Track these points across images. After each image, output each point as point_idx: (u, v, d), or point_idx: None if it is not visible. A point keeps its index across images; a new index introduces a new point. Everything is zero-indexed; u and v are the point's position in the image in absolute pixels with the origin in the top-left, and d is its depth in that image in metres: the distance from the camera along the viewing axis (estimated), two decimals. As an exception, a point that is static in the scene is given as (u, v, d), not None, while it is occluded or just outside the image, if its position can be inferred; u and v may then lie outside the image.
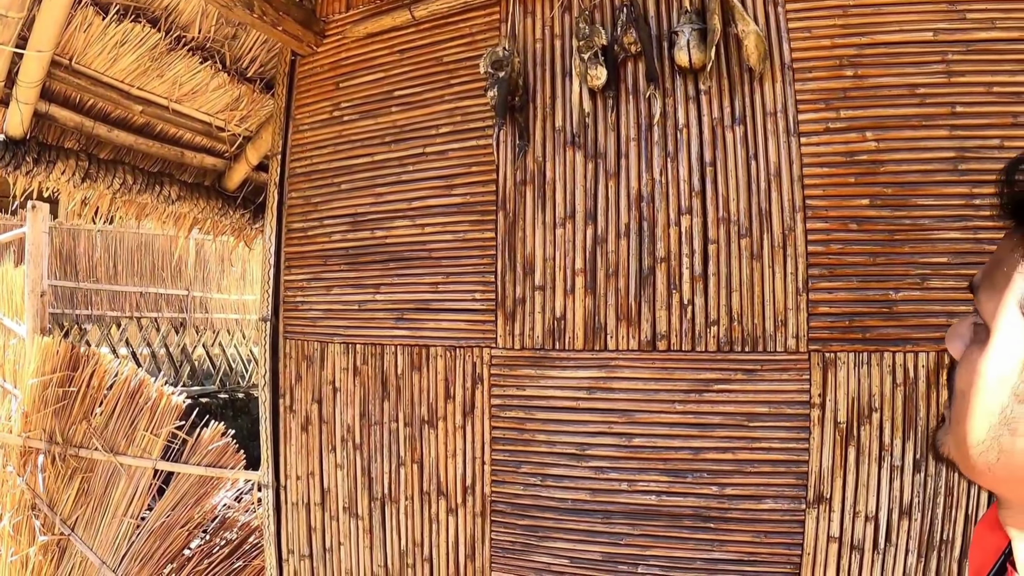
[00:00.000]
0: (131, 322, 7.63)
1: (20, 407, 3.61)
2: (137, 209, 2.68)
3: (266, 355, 1.98)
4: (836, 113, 1.23)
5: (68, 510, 3.36)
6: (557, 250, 1.51)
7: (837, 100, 1.24)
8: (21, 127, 1.93)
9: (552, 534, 1.46)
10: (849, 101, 1.22)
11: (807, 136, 1.26)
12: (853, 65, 1.21)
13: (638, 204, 1.41)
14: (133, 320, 7.64)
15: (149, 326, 7.82)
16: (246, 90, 2.34)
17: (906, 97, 1.17)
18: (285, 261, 1.98)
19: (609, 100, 1.42)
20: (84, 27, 1.90)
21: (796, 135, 1.25)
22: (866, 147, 1.20)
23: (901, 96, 1.18)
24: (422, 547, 1.65)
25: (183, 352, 7.89)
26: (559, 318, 1.50)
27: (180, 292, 8.15)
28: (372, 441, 1.75)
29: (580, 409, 1.45)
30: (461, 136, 1.67)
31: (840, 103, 1.23)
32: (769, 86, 1.29)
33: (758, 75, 1.29)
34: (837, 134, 1.23)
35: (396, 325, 1.74)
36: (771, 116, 1.29)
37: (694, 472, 1.32)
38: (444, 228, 1.68)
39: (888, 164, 1.16)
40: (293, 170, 1.99)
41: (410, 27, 1.77)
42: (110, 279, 7.36)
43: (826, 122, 1.24)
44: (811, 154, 1.25)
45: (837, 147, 1.22)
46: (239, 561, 3.21)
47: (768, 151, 1.28)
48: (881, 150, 1.18)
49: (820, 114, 1.25)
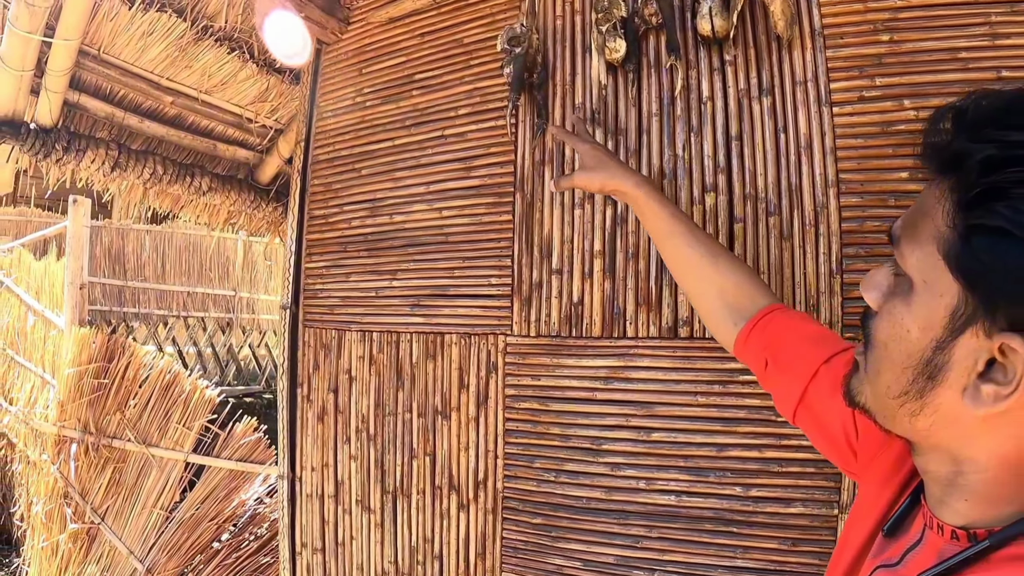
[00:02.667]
0: (178, 321, 7.86)
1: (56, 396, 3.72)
2: (171, 201, 2.72)
3: (285, 343, 1.97)
4: (871, 81, 1.13)
5: (99, 499, 3.44)
6: (575, 232, 1.44)
7: (872, 67, 1.13)
8: (50, 116, 1.98)
9: (566, 534, 1.39)
10: (885, 67, 1.12)
11: (840, 106, 1.16)
12: (888, 29, 1.11)
13: (660, 181, 1.33)
14: (180, 319, 7.87)
15: (196, 325, 8.04)
16: (275, 81, 2.35)
17: (947, 62, 1.07)
18: (306, 248, 1.97)
19: (630, 74, 1.35)
20: (111, 16, 1.93)
21: (828, 105, 1.16)
22: (904, 116, 1.09)
23: (941, 61, 1.07)
24: (432, 544, 1.60)
25: (229, 351, 8.08)
26: (576, 303, 1.43)
27: (227, 292, 8.36)
28: (386, 432, 1.71)
29: (596, 400, 1.38)
30: (480, 117, 1.62)
31: (875, 70, 1.13)
32: (798, 54, 1.20)
33: (786, 42, 1.19)
34: (872, 103, 1.13)
35: (412, 312, 1.70)
36: (800, 85, 1.19)
37: (717, 471, 1.23)
38: (461, 212, 1.64)
39: (929, 135, 1.06)
40: (316, 157, 1.98)
41: (431, 10, 1.74)
42: (158, 278, 7.61)
43: (860, 90, 1.14)
44: (844, 125, 1.14)
45: (872, 117, 1.12)
46: (267, 557, 3.22)
47: (798, 122, 1.19)
48: (921, 119, 1.08)
49: (853, 82, 1.15)
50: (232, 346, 8.13)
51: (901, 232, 0.60)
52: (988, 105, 0.55)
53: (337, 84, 1.95)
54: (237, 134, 2.66)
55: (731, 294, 0.99)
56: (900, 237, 0.60)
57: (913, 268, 0.57)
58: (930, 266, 0.56)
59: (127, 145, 2.26)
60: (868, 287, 0.63)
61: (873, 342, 0.62)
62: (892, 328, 0.59)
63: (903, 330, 0.58)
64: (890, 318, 0.59)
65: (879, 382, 0.61)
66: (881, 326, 0.60)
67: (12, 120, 2.01)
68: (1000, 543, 0.55)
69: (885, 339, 0.60)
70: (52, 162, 2.03)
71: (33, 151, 1.99)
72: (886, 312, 0.60)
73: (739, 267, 1.02)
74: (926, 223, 0.57)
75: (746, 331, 0.95)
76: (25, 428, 4.34)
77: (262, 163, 2.89)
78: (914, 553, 0.63)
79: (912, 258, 0.57)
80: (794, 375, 0.88)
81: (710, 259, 1.01)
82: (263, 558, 3.24)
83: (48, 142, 2.02)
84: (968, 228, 0.53)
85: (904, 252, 0.58)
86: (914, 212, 0.59)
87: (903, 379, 0.58)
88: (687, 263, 1.03)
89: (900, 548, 0.65)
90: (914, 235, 0.58)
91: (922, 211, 0.58)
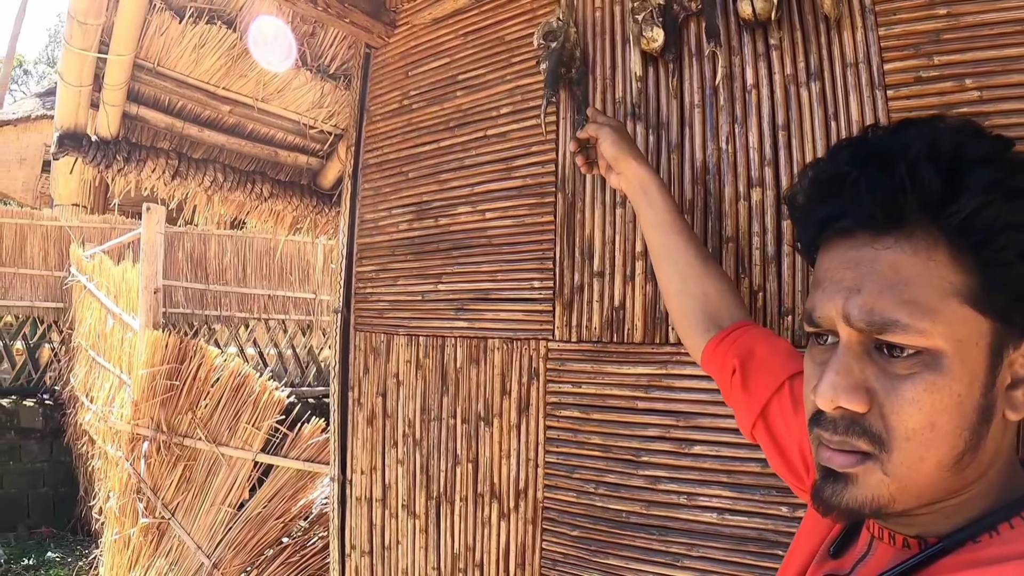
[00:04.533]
0: (259, 323, 8.28)
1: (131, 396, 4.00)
2: (236, 207, 2.88)
3: (337, 347, 2.05)
4: (928, 59, 1.04)
5: (170, 495, 3.67)
6: (617, 233, 1.42)
7: (928, 44, 1.05)
8: (110, 128, 2.15)
9: (604, 548, 1.37)
10: (943, 44, 1.03)
11: (895, 88, 1.07)
12: (946, 3, 1.02)
13: (703, 177, 1.29)
14: (261, 321, 8.29)
15: (276, 327, 8.44)
16: (330, 87, 2.44)
17: (1012, 35, 0.97)
18: (357, 252, 2.04)
19: (670, 64, 1.32)
20: (162, 31, 2.07)
21: (882, 87, 1.08)
22: (966, 97, 1.01)
23: (1006, 35, 0.98)
24: (474, 552, 1.61)
25: (309, 353, 8.43)
26: (618, 307, 1.41)
27: (307, 295, 8.73)
28: (431, 437, 1.74)
29: (637, 410, 1.35)
30: (521, 116, 1.63)
31: (932, 47, 1.04)
32: (848, 34, 1.12)
33: (834, 22, 1.12)
34: (930, 83, 1.04)
35: (456, 316, 1.72)
36: (851, 68, 1.12)
37: (762, 489, 1.17)
38: (504, 213, 1.64)
39: (994, 116, 0.97)
40: (366, 161, 2.04)
41: (473, 8, 1.76)
42: (239, 282, 8.05)
43: (916, 71, 1.06)
44: (900, 108, 1.06)
45: (931, 99, 1.04)
46: (330, 558, 3.33)
47: (850, 108, 1.11)
48: (984, 100, 0.99)
49: (909, 61, 1.06)
50: (312, 348, 8.51)
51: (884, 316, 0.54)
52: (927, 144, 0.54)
53: (385, 87, 2.00)
54: (298, 140, 2.79)
55: (713, 301, 1.02)
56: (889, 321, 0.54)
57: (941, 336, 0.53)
58: (959, 322, 0.54)
59: (187, 154, 2.41)
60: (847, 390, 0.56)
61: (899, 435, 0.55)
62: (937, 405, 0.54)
63: (951, 399, 0.54)
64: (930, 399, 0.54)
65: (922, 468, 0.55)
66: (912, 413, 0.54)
67: (74, 133, 2.18)
68: (950, 547, 0.55)
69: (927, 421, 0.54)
70: (114, 172, 2.19)
71: (95, 162, 2.16)
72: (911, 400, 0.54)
73: (725, 278, 1.07)
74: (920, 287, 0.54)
75: (717, 339, 0.97)
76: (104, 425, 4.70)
77: (324, 168, 3.02)
78: (864, 563, 0.63)
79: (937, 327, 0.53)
80: (760, 387, 0.88)
81: (701, 263, 1.05)
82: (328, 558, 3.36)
83: (109, 153, 2.18)
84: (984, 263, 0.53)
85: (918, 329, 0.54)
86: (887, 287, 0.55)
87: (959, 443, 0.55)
88: (678, 260, 1.06)
89: (850, 560, 0.65)
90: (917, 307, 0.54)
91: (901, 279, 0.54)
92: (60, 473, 6.76)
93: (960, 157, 0.53)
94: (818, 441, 0.60)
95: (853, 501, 0.57)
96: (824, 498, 0.59)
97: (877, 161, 0.56)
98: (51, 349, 7.41)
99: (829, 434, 0.58)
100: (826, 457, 0.59)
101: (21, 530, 6.48)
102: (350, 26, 1.92)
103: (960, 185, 0.53)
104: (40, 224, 7.67)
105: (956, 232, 0.53)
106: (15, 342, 7.43)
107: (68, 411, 6.65)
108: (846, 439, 0.57)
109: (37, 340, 7.50)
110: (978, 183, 0.52)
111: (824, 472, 0.60)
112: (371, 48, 2.07)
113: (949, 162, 0.53)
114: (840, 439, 0.57)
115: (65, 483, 6.75)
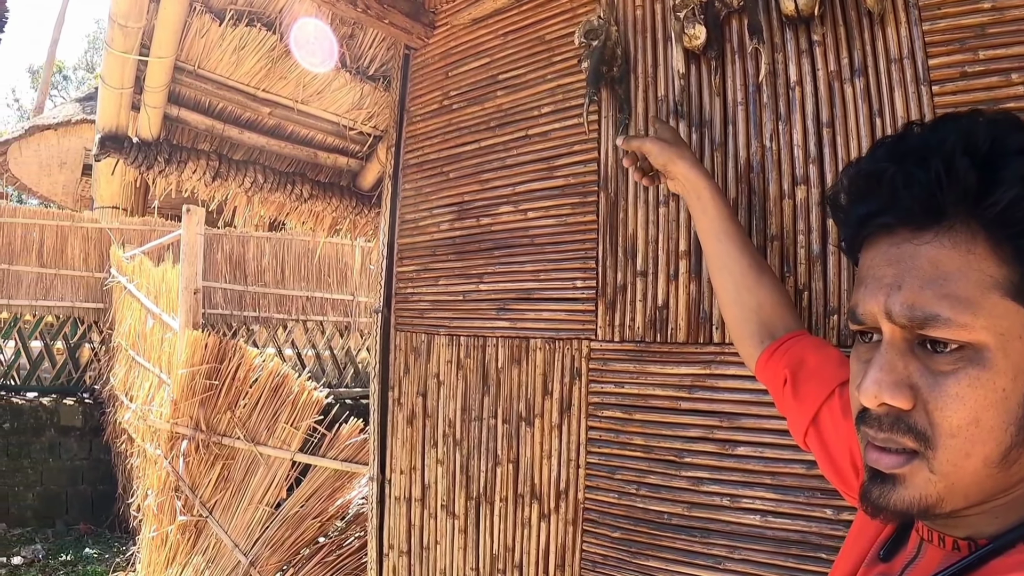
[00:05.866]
0: (297, 324, 8.48)
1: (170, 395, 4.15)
2: (276, 208, 2.99)
3: (377, 347, 2.12)
4: (973, 54, 1.06)
5: (208, 494, 3.80)
6: (660, 232, 1.46)
7: (974, 39, 1.06)
8: (151, 130, 2.25)
9: (645, 550, 1.40)
10: (988, 39, 1.04)
11: (940, 84, 1.09)
12: None
13: (747, 175, 1.31)
14: (299, 323, 8.49)
15: (315, 329, 8.64)
16: (369, 88, 2.52)
17: None
18: (398, 252, 2.10)
19: (712, 62, 1.35)
20: (203, 33, 2.17)
21: (927, 83, 1.09)
22: (1013, 92, 1.01)
23: None
24: (513, 552, 1.66)
25: (347, 355, 8.62)
26: (661, 307, 1.44)
27: (346, 297, 8.92)
28: (471, 437, 1.80)
29: (680, 410, 1.39)
30: (563, 115, 1.67)
31: (977, 42, 1.05)
32: (892, 29, 1.14)
33: (878, 17, 1.14)
34: (976, 78, 1.05)
35: (498, 316, 1.77)
36: (896, 63, 1.13)
37: (806, 491, 1.19)
38: (547, 212, 1.69)
39: (1044, 109, 0.99)
40: (407, 161, 2.11)
41: (512, 8, 1.81)
42: (277, 283, 8.26)
43: (962, 65, 1.07)
44: (946, 104, 1.07)
45: (977, 94, 1.05)
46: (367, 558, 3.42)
47: (895, 104, 1.13)
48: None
49: (954, 56, 1.08)
50: (350, 349, 8.69)
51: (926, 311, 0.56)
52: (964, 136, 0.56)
53: (425, 88, 2.07)
54: (337, 142, 2.88)
55: (767, 311, 1.06)
56: (931, 315, 0.56)
57: (984, 330, 0.55)
58: (1001, 315, 0.55)
59: (228, 156, 2.51)
60: (891, 386, 0.57)
61: (944, 431, 0.56)
62: (981, 400, 0.55)
63: (996, 393, 0.55)
64: (974, 394, 0.55)
65: (968, 465, 0.56)
66: (956, 409, 0.56)
67: (115, 135, 2.29)
68: (1000, 548, 0.56)
69: (972, 417, 0.56)
70: (155, 173, 2.30)
71: (136, 163, 2.27)
72: (955, 396, 0.56)
73: (779, 286, 1.09)
74: (961, 281, 0.55)
75: (771, 350, 1.01)
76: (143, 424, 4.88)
77: (363, 169, 3.10)
78: (913, 566, 0.64)
79: (979, 321, 0.55)
80: (811, 396, 0.91)
81: (756, 271, 1.08)
82: (364, 557, 3.45)
83: (150, 155, 2.29)
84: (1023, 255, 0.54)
85: (960, 323, 0.55)
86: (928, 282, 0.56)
87: (1005, 439, 0.56)
88: (732, 269, 1.09)
89: (899, 563, 0.66)
90: (958, 301, 0.55)
91: (941, 274, 0.56)
92: (99, 471, 7.04)
93: (997, 150, 0.55)
94: (866, 441, 0.61)
95: (901, 502, 0.58)
96: (872, 499, 0.60)
97: (914, 157, 0.58)
98: (91, 349, 7.73)
99: (875, 431, 0.59)
100: (873, 459, 0.60)
101: (59, 526, 6.77)
102: (389, 27, 1.99)
103: (996, 177, 0.54)
104: (81, 226, 7.99)
105: (994, 224, 0.54)
106: (56, 342, 7.76)
107: (107, 410, 6.92)
108: (891, 436, 0.58)
109: (77, 340, 7.82)
110: (1014, 174, 0.53)
111: (872, 473, 0.61)
112: (410, 49, 2.13)
113: (985, 155, 0.55)
114: (886, 436, 0.59)
115: (103, 481, 7.03)
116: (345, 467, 3.64)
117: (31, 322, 7.82)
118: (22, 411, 6.78)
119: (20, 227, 7.69)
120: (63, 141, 8.55)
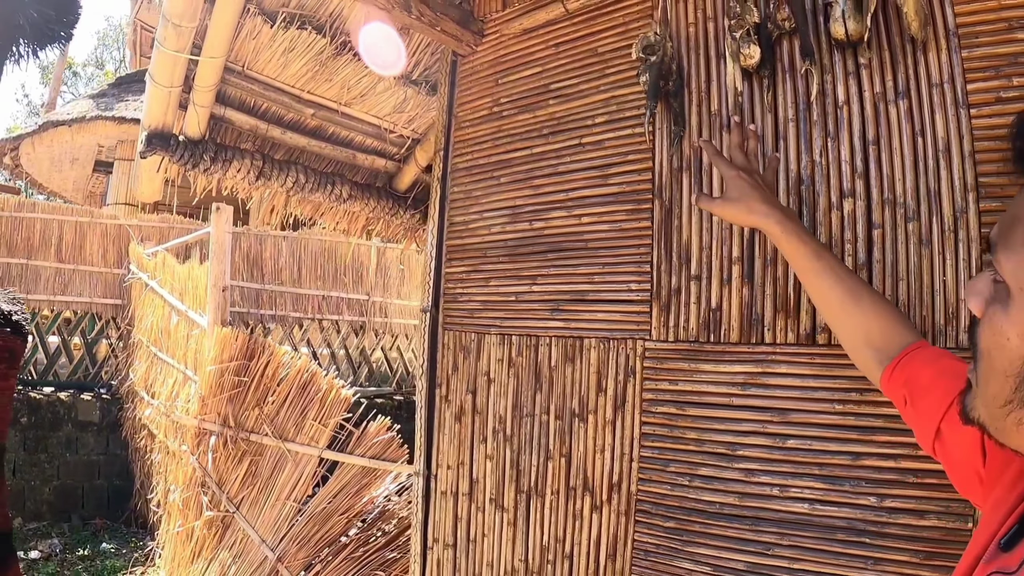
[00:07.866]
0: (313, 323, 8.69)
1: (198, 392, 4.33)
2: (312, 208, 3.15)
3: (425, 345, 2.27)
4: (1008, 81, 1.20)
5: (235, 489, 3.97)
6: (714, 239, 1.60)
7: (1008, 66, 1.20)
8: (198, 128, 2.39)
9: (696, 539, 1.55)
10: (1021, 67, 1.19)
11: (977, 108, 1.23)
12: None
13: (797, 188, 1.46)
14: (315, 321, 8.70)
15: (330, 328, 8.86)
16: (412, 92, 2.68)
17: None
18: (446, 254, 2.25)
19: (765, 80, 1.50)
20: (254, 35, 2.30)
21: (965, 107, 1.24)
22: None
23: None
24: (563, 544, 1.81)
25: (362, 354, 8.83)
26: (714, 309, 1.59)
27: (361, 296, 9.14)
28: (522, 433, 1.94)
29: (733, 406, 1.53)
30: (617, 125, 1.82)
31: (1011, 69, 1.20)
32: (933, 55, 1.28)
33: (920, 44, 1.29)
34: (1010, 104, 1.20)
35: (552, 316, 1.92)
36: (937, 88, 1.28)
37: (852, 480, 1.34)
38: (600, 218, 1.83)
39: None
40: (455, 165, 2.26)
41: (564, 20, 1.95)
42: (294, 282, 8.48)
43: (997, 91, 1.21)
44: (982, 127, 1.22)
45: (1011, 119, 1.18)
46: (393, 553, 3.58)
47: (936, 125, 1.28)
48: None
49: (990, 83, 1.22)
50: (365, 349, 8.90)
51: (997, 238, 0.65)
52: None
53: (474, 95, 2.22)
54: (375, 144, 3.03)
55: (876, 336, 1.09)
56: (996, 243, 0.64)
57: (1009, 274, 0.61)
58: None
59: (270, 155, 2.66)
60: (971, 294, 0.66)
61: (979, 352, 0.65)
62: (993, 336, 0.62)
63: (1003, 338, 0.61)
64: (990, 326, 0.63)
65: (987, 393, 0.64)
66: (984, 334, 0.64)
67: (162, 132, 2.43)
68: None
69: (988, 348, 0.63)
70: (200, 172, 2.45)
71: (182, 162, 2.41)
72: (987, 320, 0.63)
73: (881, 306, 1.12)
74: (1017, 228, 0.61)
75: (889, 370, 1.05)
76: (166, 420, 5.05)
77: (400, 172, 3.26)
78: None
79: (1009, 264, 0.61)
80: (929, 411, 0.96)
81: (853, 299, 1.12)
82: (389, 553, 3.60)
83: (196, 153, 2.43)
84: None
85: (1000, 259, 0.62)
86: (1008, 218, 0.65)
87: (1007, 388, 0.61)
88: (831, 302, 1.15)
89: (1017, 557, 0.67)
90: (1008, 241, 0.62)
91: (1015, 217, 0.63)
92: (115, 466, 7.27)
93: None
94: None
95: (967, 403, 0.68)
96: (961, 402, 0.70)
97: None
98: (109, 345, 7.96)
99: None
100: None
101: (76, 520, 6.99)
102: (440, 34, 2.14)
103: None
104: (99, 222, 8.23)
105: None
106: (73, 337, 8.00)
107: (126, 405, 7.14)
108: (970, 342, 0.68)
109: (95, 336, 8.06)
110: None
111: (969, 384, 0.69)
112: (458, 56, 2.28)
113: None
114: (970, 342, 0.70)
115: (120, 476, 7.26)
116: (373, 464, 3.79)
117: (49, 317, 8.07)
118: (40, 406, 7.00)
119: (39, 222, 7.95)
120: (76, 137, 8.78)
